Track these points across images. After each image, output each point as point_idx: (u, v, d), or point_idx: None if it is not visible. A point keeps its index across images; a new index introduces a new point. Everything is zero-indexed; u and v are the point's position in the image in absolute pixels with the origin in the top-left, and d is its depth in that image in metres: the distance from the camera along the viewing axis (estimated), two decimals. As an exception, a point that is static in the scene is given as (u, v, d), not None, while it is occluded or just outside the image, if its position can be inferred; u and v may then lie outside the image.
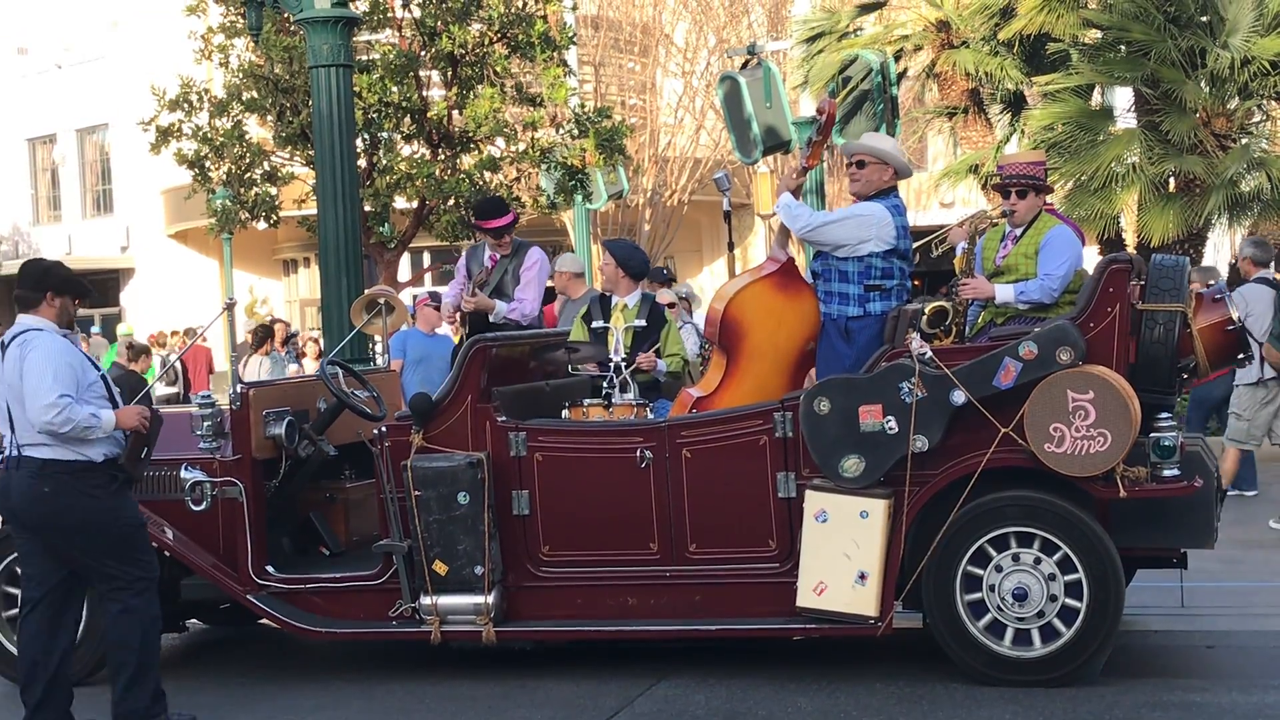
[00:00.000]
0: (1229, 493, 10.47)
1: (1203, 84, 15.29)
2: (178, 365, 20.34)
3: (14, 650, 7.78)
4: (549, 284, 10.23)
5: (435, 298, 12.26)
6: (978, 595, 6.93)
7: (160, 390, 23.86)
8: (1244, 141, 15.63)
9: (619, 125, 17.01)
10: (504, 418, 7.46)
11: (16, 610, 7.77)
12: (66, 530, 6.61)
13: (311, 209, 15.51)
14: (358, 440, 8.09)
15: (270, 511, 7.88)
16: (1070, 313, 7.06)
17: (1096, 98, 17.10)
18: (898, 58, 18.11)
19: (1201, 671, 7.33)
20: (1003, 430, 6.79)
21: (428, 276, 26.96)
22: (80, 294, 6.79)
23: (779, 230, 7.97)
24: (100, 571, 6.69)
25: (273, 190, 17.08)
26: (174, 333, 26.10)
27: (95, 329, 27.67)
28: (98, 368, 6.83)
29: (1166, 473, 6.79)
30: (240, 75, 16.52)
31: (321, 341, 14.36)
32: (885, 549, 6.88)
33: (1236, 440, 11.52)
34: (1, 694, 7.77)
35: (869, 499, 6.88)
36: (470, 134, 16.15)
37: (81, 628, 7.68)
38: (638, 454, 7.26)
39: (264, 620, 7.87)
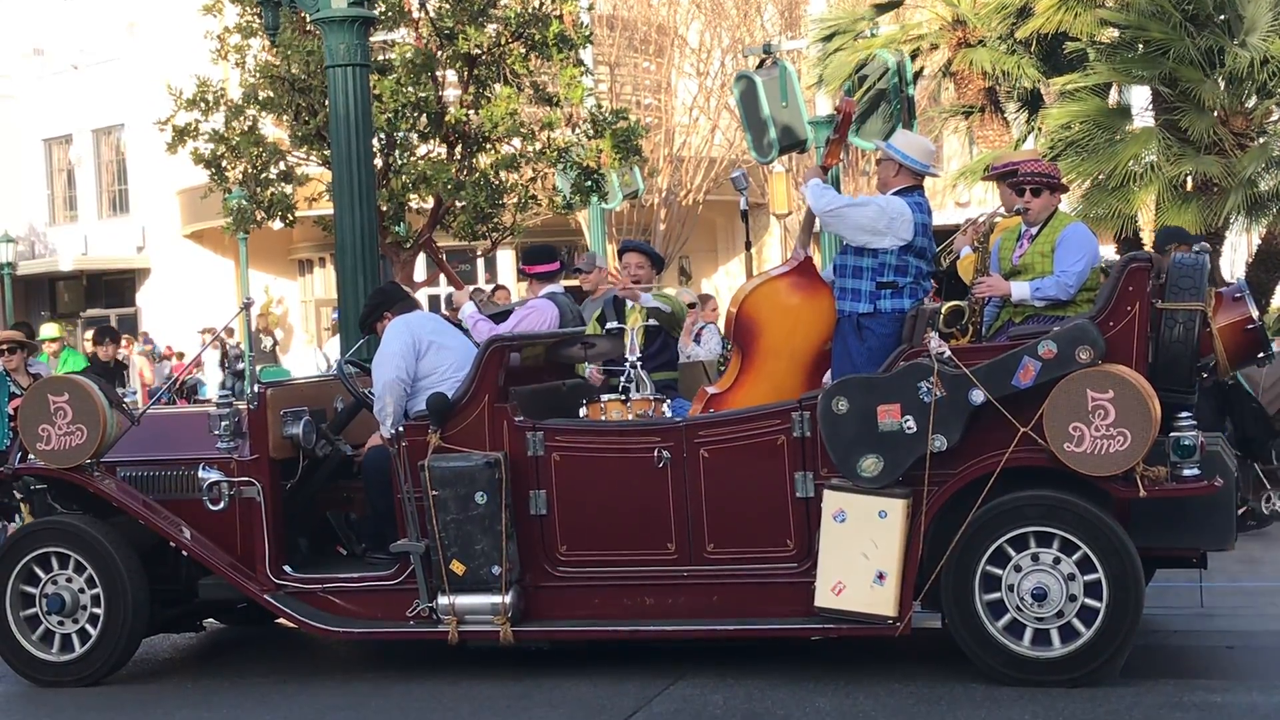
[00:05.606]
0: None
1: (1220, 83, 15.22)
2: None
3: (30, 648, 7.82)
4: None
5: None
6: (997, 595, 6.91)
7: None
8: (1262, 140, 15.55)
9: (634, 125, 16.98)
10: (521, 417, 7.45)
11: (34, 609, 7.82)
12: None
13: (326, 208, 15.50)
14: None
15: (287, 511, 7.89)
16: (1089, 311, 7.04)
17: (1114, 96, 17.02)
18: (914, 56, 18.06)
19: (1221, 672, 7.30)
20: (1022, 430, 6.77)
21: (443, 276, 26.91)
22: None
23: (802, 229, 7.96)
24: None
25: (289, 190, 17.07)
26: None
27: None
28: None
29: (1186, 472, 6.77)
30: (256, 75, 16.52)
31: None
32: (904, 549, 6.87)
33: None
34: (15, 692, 7.78)
35: (887, 499, 6.87)
36: (487, 133, 16.13)
37: (96, 634, 7.73)
38: (655, 454, 7.25)
39: (281, 620, 7.88)
